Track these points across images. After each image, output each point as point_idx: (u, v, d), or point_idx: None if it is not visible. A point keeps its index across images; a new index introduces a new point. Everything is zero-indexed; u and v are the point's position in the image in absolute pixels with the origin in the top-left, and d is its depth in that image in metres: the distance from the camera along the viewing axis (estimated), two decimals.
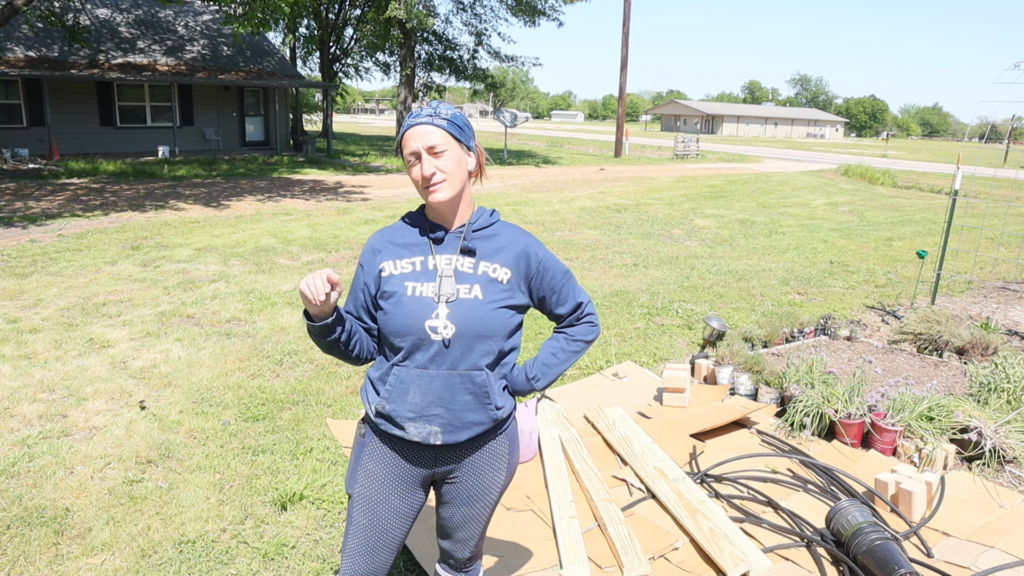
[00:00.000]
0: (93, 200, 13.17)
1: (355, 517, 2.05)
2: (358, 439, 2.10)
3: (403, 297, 1.92)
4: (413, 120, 1.90)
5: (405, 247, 1.98)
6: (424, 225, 1.99)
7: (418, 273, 1.94)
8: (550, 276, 2.04)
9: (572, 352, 2.13)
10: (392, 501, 2.04)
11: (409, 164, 1.90)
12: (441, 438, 1.96)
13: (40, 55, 20.28)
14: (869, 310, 7.47)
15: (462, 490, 2.11)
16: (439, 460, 2.04)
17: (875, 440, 4.16)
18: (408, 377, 1.93)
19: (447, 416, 1.95)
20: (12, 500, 3.45)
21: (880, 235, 12.41)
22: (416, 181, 1.91)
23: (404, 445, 2.02)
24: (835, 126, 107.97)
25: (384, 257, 1.98)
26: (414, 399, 1.93)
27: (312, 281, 1.77)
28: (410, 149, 1.88)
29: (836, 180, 23.79)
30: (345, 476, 2.15)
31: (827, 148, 56.24)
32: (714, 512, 3.34)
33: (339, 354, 2.00)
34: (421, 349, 1.91)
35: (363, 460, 2.05)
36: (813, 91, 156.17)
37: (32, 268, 7.95)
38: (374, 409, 1.99)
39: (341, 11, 30.91)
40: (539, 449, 4.06)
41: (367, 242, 2.05)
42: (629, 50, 30.79)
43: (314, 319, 1.87)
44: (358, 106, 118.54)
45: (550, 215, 13.28)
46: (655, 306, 7.29)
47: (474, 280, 1.93)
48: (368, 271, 1.99)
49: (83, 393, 4.72)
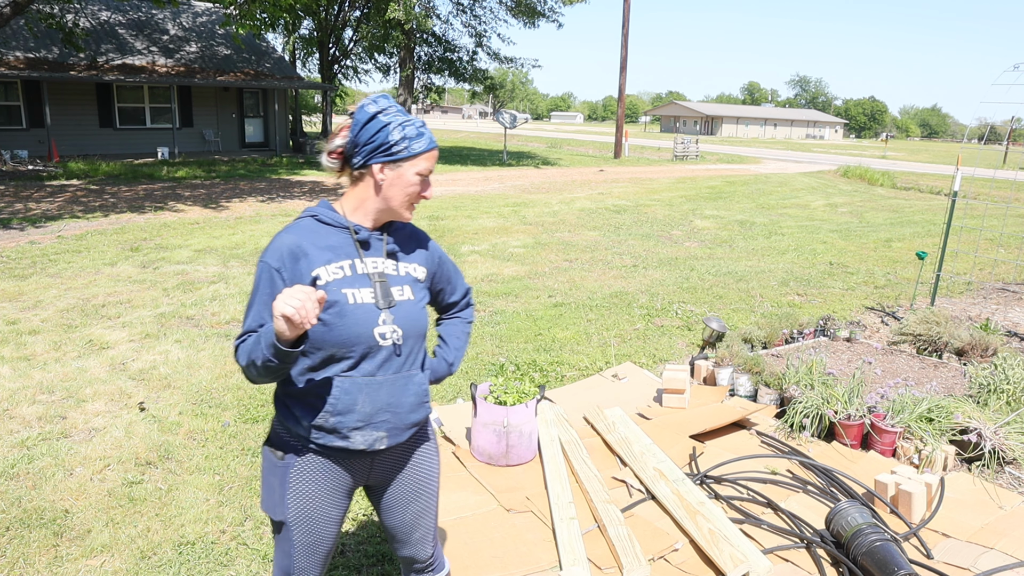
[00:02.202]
0: (92, 201, 13.16)
1: (296, 539, 2.00)
2: (274, 464, 1.97)
3: (346, 306, 1.85)
4: (434, 141, 1.92)
5: (329, 249, 1.88)
6: (346, 225, 1.92)
7: (350, 279, 1.88)
8: (447, 268, 2.17)
9: (469, 333, 2.30)
10: (331, 513, 2.02)
11: (420, 177, 1.90)
12: (386, 442, 1.96)
13: (39, 57, 20.28)
14: (869, 311, 7.47)
15: (404, 489, 2.13)
16: (375, 464, 2.05)
17: (875, 441, 4.16)
18: (355, 387, 1.88)
19: (393, 420, 1.96)
20: (11, 502, 3.45)
21: (879, 236, 12.42)
22: (411, 193, 1.91)
23: (341, 455, 1.96)
24: (834, 127, 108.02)
25: (314, 262, 1.85)
26: (363, 408, 1.90)
27: (304, 304, 1.61)
28: (427, 169, 1.90)
29: (835, 181, 23.81)
30: (262, 502, 2.02)
31: (826, 149, 56.27)
32: (714, 513, 3.34)
33: (276, 378, 1.85)
34: (369, 357, 1.89)
35: (291, 483, 1.95)
36: (812, 92, 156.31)
37: (31, 269, 7.94)
38: (310, 427, 1.90)
39: (341, 12, 30.92)
40: (538, 450, 4.06)
41: (277, 244, 1.86)
42: (628, 51, 30.81)
43: (288, 345, 1.68)
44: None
45: (549, 216, 13.28)
46: (654, 307, 7.29)
47: (403, 281, 1.97)
48: (292, 279, 1.83)
49: (82, 395, 4.72)
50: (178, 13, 25.42)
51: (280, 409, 1.96)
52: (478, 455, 3.99)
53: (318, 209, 1.94)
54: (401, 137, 1.85)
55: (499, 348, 5.94)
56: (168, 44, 23.72)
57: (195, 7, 26.33)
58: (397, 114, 1.87)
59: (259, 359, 1.73)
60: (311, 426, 1.90)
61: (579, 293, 7.80)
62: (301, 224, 1.91)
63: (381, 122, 1.85)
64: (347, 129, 1.90)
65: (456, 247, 10.04)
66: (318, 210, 1.93)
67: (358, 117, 1.88)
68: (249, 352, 1.77)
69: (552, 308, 7.17)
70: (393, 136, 1.85)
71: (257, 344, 1.75)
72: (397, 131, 1.85)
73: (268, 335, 1.70)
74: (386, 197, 1.90)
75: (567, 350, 5.95)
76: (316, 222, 1.91)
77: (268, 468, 1.99)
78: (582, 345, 6.09)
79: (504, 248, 10.12)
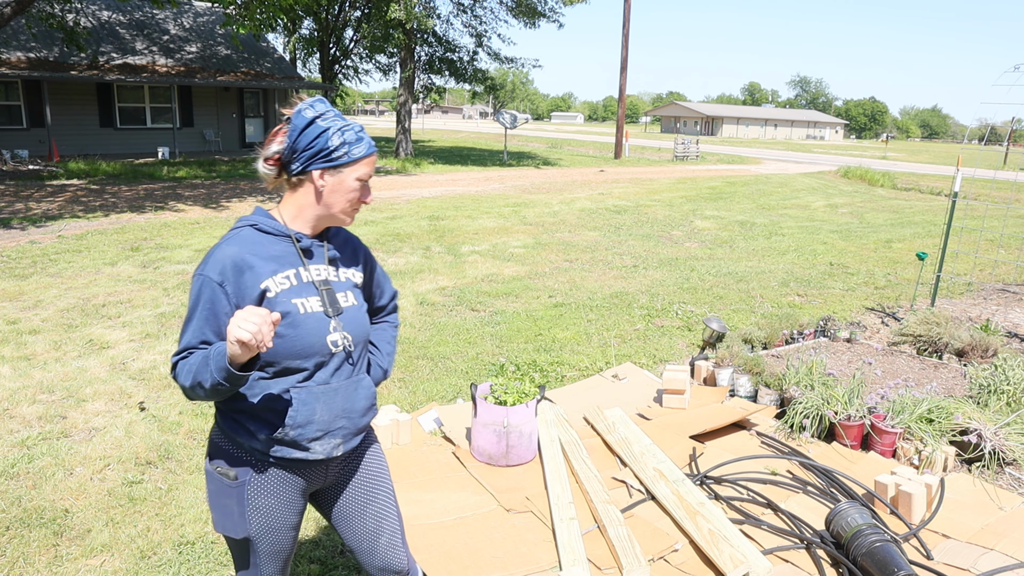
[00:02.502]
0: (93, 201, 13.16)
1: (261, 551, 1.97)
2: (226, 485, 1.90)
3: (298, 317, 1.81)
4: (374, 146, 1.89)
5: (273, 260, 1.83)
6: (288, 233, 1.87)
7: (296, 288, 1.84)
8: (378, 272, 2.17)
9: (396, 337, 2.28)
10: (291, 520, 2.00)
11: (359, 182, 1.86)
12: (342, 448, 1.95)
13: (40, 57, 20.28)
14: (869, 312, 7.47)
15: (357, 492, 2.11)
16: (330, 470, 2.03)
17: (875, 442, 4.16)
18: (312, 397, 1.85)
19: (349, 426, 1.95)
20: (11, 501, 3.45)
21: (880, 237, 12.42)
22: (350, 198, 1.87)
23: (298, 465, 1.93)
24: (835, 128, 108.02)
25: (261, 275, 1.79)
26: (322, 417, 1.87)
27: (260, 328, 1.56)
28: (367, 174, 1.88)
29: (836, 182, 23.81)
30: (215, 524, 1.96)
31: (827, 150, 56.27)
32: (714, 514, 3.34)
33: (221, 398, 1.78)
34: (324, 366, 1.87)
35: (249, 499, 1.90)
36: (813, 93, 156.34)
37: (32, 269, 7.94)
38: (267, 440, 1.85)
39: (341, 12, 30.92)
40: (538, 450, 4.06)
41: (217, 256, 1.78)
42: (629, 51, 30.82)
43: (240, 368, 1.64)
44: (358, 107, 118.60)
45: (550, 216, 13.28)
46: (655, 307, 7.29)
47: (345, 287, 1.97)
48: (237, 293, 1.76)
49: (83, 394, 4.72)
50: (179, 13, 25.43)
51: (227, 424, 1.88)
52: (478, 455, 3.98)
53: (256, 218, 1.87)
54: (341, 142, 1.81)
55: (499, 348, 5.94)
56: (169, 44, 23.73)
57: (196, 7, 26.34)
58: (335, 119, 1.83)
59: (207, 381, 1.67)
60: (269, 440, 1.85)
61: (579, 293, 7.80)
62: (241, 234, 1.84)
63: (320, 127, 1.80)
64: (283, 135, 1.84)
65: (456, 247, 10.04)
66: (256, 219, 1.87)
67: (296, 122, 1.82)
68: (194, 373, 1.70)
69: (552, 308, 7.17)
70: (332, 142, 1.80)
71: (204, 366, 1.68)
72: (336, 136, 1.81)
73: (218, 358, 1.64)
74: (327, 204, 1.86)
75: (567, 350, 5.95)
76: (256, 231, 1.85)
77: (219, 490, 1.91)
78: (582, 345, 6.09)
79: (504, 248, 10.12)
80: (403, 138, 27.02)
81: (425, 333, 6.28)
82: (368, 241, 10.11)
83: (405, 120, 27.15)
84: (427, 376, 5.31)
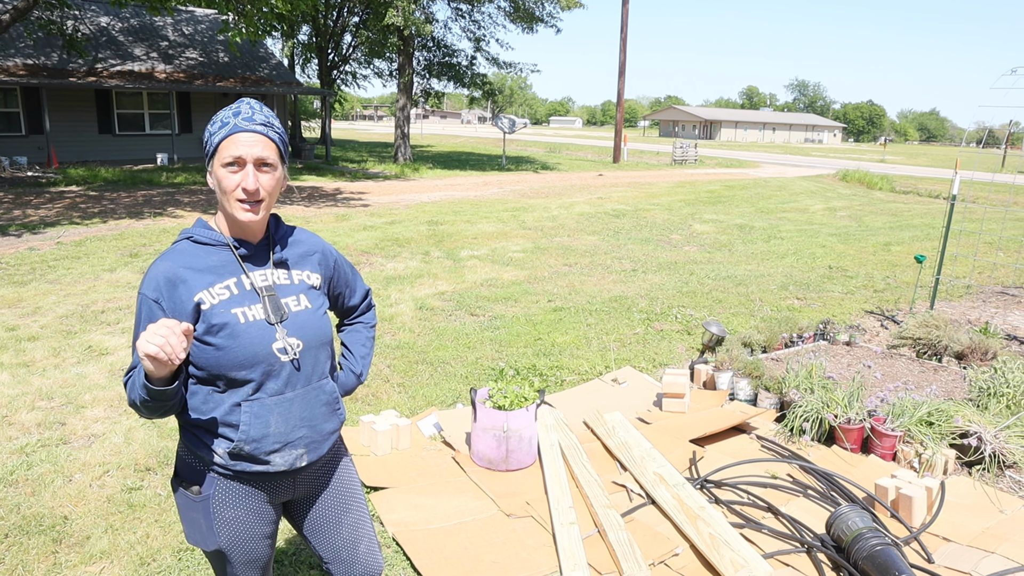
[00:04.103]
0: (92, 208, 13.16)
1: (236, 561, 1.93)
2: (191, 500, 1.86)
3: (238, 327, 1.74)
4: (245, 124, 1.73)
5: (210, 271, 1.76)
6: (224, 242, 1.80)
7: (238, 297, 1.77)
8: (343, 272, 2.08)
9: (373, 338, 2.23)
10: (263, 530, 1.95)
11: (227, 169, 1.72)
12: (306, 458, 1.89)
13: (39, 63, 20.29)
14: (868, 315, 7.48)
15: (331, 502, 2.06)
16: (298, 481, 1.97)
17: (875, 445, 4.16)
18: (264, 409, 1.79)
19: (311, 434, 1.89)
20: (10, 508, 3.44)
21: (879, 240, 12.43)
22: (228, 190, 1.73)
23: (261, 478, 1.88)
24: (833, 131, 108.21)
25: (194, 288, 1.73)
26: (277, 428, 1.81)
27: (167, 340, 1.51)
28: (235, 154, 1.71)
29: (834, 185, 23.84)
30: (186, 536, 1.92)
31: (825, 153, 56.36)
32: (714, 518, 3.33)
33: (165, 414, 1.74)
34: (273, 376, 1.79)
35: (215, 513, 1.85)
36: (811, 96, 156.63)
37: (31, 276, 7.94)
38: (225, 455, 1.81)
39: (339, 18, 30.98)
40: (538, 455, 4.06)
41: (152, 273, 1.74)
42: (627, 56, 30.89)
43: (159, 383, 1.61)
44: (356, 113, 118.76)
45: (549, 221, 13.29)
46: (654, 311, 7.29)
47: (296, 290, 1.88)
48: (172, 308, 1.71)
49: (82, 401, 4.71)
50: (179, 20, 25.47)
51: (188, 438, 1.85)
52: (478, 460, 3.98)
53: (193, 230, 1.82)
54: (209, 135, 1.74)
55: (499, 352, 5.94)
56: (168, 50, 23.76)
57: (195, 14, 26.38)
58: (224, 112, 1.76)
59: (137, 399, 1.66)
60: (226, 453, 1.80)
61: (579, 297, 7.80)
62: (177, 248, 1.79)
63: (208, 130, 1.76)
64: None
65: (455, 252, 10.04)
66: (193, 231, 1.82)
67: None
68: (130, 391, 1.69)
69: (552, 312, 7.16)
70: (208, 138, 1.75)
71: (134, 385, 1.66)
72: (209, 129, 1.75)
73: (140, 374, 1.62)
74: (221, 203, 1.78)
75: (567, 354, 5.95)
76: (193, 244, 1.79)
77: (185, 504, 1.88)
78: (582, 349, 6.09)
79: (503, 253, 10.12)
80: (402, 143, 27.04)
81: (424, 338, 6.27)
82: (367, 246, 10.11)
83: (403, 125, 27.19)
84: (426, 381, 5.30)
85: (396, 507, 3.54)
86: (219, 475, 1.85)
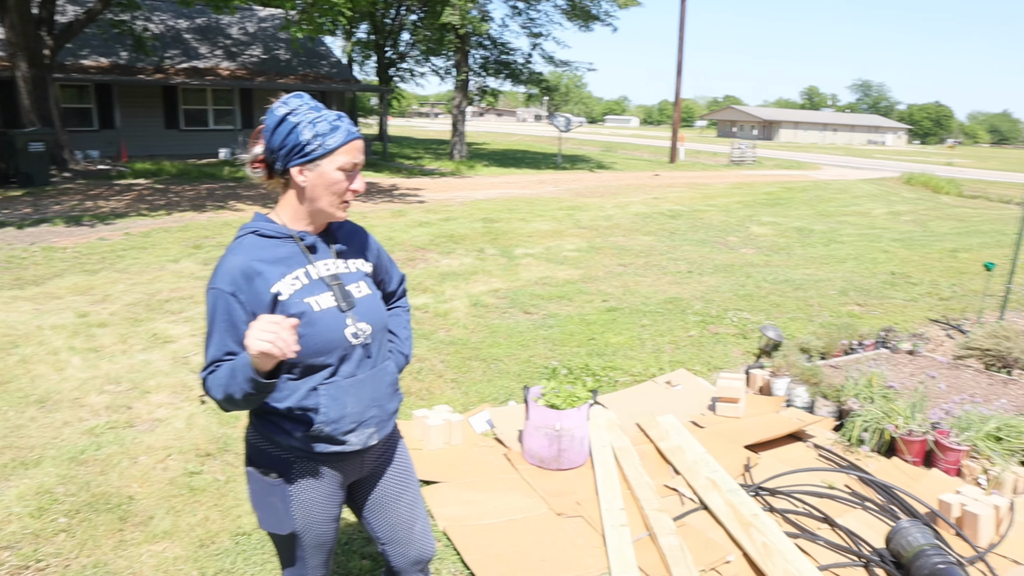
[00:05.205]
0: (157, 200, 13.60)
1: (307, 544, 2.00)
2: (268, 484, 1.93)
3: (313, 315, 1.82)
4: (355, 131, 1.85)
5: (279, 263, 1.83)
6: (290, 234, 1.88)
7: (308, 287, 1.85)
8: (385, 258, 2.16)
9: (409, 320, 2.30)
10: (333, 512, 2.04)
11: (342, 172, 1.83)
12: (376, 437, 2.00)
13: (111, 62, 21.05)
14: (932, 324, 7.24)
15: (391, 481, 2.15)
16: (365, 461, 2.07)
17: (938, 459, 4.02)
18: (340, 391, 1.88)
19: (379, 414, 1.99)
20: (81, 486, 3.59)
21: (945, 246, 12.02)
22: (338, 191, 1.85)
23: (336, 458, 1.96)
24: (897, 133, 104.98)
25: (270, 279, 1.80)
26: (353, 409, 1.90)
27: (278, 335, 1.58)
28: (355, 160, 1.85)
29: (898, 188, 23.14)
30: (260, 522, 1.98)
31: (888, 155, 54.73)
32: (768, 526, 3.28)
33: (255, 406, 1.82)
34: (347, 360, 1.89)
35: (291, 496, 1.93)
36: (875, 97, 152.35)
37: (101, 265, 8.24)
38: (304, 438, 1.88)
39: (397, 16, 31.33)
40: (589, 455, 4.05)
41: (225, 268, 1.79)
42: (684, 55, 30.52)
43: (267, 376, 1.67)
44: (413, 110, 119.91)
45: (604, 220, 13.22)
46: (709, 314, 7.19)
47: (355, 278, 1.97)
48: (250, 300, 1.78)
49: (147, 386, 4.88)
50: (243, 18, 26.12)
51: (264, 426, 1.91)
52: (529, 458, 3.99)
53: (256, 224, 1.88)
54: (313, 135, 1.79)
55: (552, 351, 5.94)
56: (231, 48, 24.39)
57: (258, 12, 27.00)
58: (308, 112, 1.81)
59: (237, 393, 1.69)
60: (305, 437, 1.88)
61: (633, 298, 7.74)
62: (244, 243, 1.84)
63: (290, 123, 1.79)
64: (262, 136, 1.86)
65: (510, 250, 10.07)
66: (257, 224, 1.88)
67: (268, 122, 1.82)
68: (224, 387, 1.72)
69: (606, 313, 7.13)
70: (304, 136, 1.79)
71: (232, 378, 1.70)
72: (308, 130, 1.79)
73: (244, 369, 1.65)
74: (312, 199, 1.85)
75: (620, 355, 5.91)
76: (258, 237, 1.85)
77: (262, 490, 1.94)
78: (635, 351, 6.05)
79: (558, 251, 10.11)
80: (457, 140, 27.22)
81: (478, 335, 6.31)
82: (422, 242, 10.21)
83: (459, 123, 27.36)
84: (479, 378, 5.33)
85: (447, 502, 3.57)
86: (296, 459, 1.93)
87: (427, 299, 7.37)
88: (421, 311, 6.93)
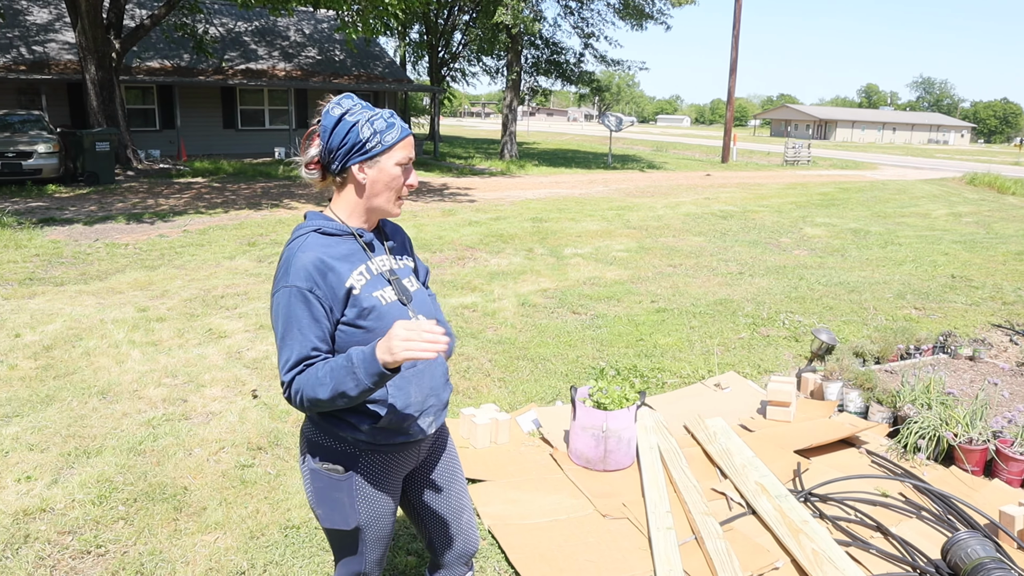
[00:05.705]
0: (215, 198, 13.96)
1: (368, 537, 2.03)
2: (336, 480, 1.95)
3: (382, 309, 1.87)
4: (406, 128, 1.90)
5: (344, 259, 1.87)
6: (350, 231, 1.92)
7: (372, 281, 1.89)
8: (415, 255, 2.20)
9: None
10: (393, 506, 2.08)
11: (400, 168, 1.89)
12: (434, 425, 2.04)
13: (172, 64, 21.69)
14: (995, 329, 6.99)
15: (443, 469, 2.22)
16: (422, 449, 2.12)
17: (999, 469, 3.89)
18: (404, 382, 1.92)
19: (437, 402, 2.03)
20: (138, 476, 3.71)
21: (1009, 248, 11.58)
22: (396, 187, 1.91)
23: (400, 448, 2.00)
24: (960, 131, 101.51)
25: (342, 274, 1.83)
26: (416, 398, 1.95)
27: (432, 337, 1.62)
28: (405, 157, 1.90)
29: (960, 189, 22.37)
30: (323, 519, 2.00)
31: (951, 155, 52.94)
32: (818, 533, 3.21)
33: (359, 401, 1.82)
34: None
35: (357, 491, 1.96)
36: (937, 95, 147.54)
37: (160, 261, 8.50)
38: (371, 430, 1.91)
39: (450, 17, 31.56)
40: (636, 457, 4.02)
41: (298, 265, 1.80)
42: (739, 53, 30.00)
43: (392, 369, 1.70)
44: (464, 109, 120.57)
45: (654, 220, 13.10)
46: (760, 316, 7.07)
47: (407, 273, 2.05)
48: (327, 295, 1.80)
49: (202, 380, 5.02)
50: (300, 20, 26.64)
51: (328, 421, 1.93)
52: (575, 458, 3.98)
53: (316, 222, 1.90)
54: (372, 133, 1.84)
55: (600, 352, 5.91)
56: (288, 49, 24.89)
57: (316, 14, 27.49)
58: (363, 111, 1.86)
59: (353, 389, 1.69)
60: (372, 429, 1.91)
61: (682, 299, 7.66)
62: (310, 241, 1.86)
63: (348, 123, 1.84)
64: (317, 137, 1.89)
65: (559, 249, 10.05)
66: (317, 223, 1.90)
67: (325, 123, 1.86)
68: (333, 385, 1.71)
69: (654, 314, 7.07)
70: (363, 133, 1.83)
71: (349, 374, 1.69)
72: (366, 128, 1.84)
73: (368, 364, 1.66)
74: (372, 195, 1.90)
75: (668, 357, 5.86)
76: (321, 235, 1.88)
77: (328, 486, 1.96)
78: (684, 352, 5.98)
79: (607, 252, 10.05)
80: (508, 140, 27.29)
81: (526, 334, 6.32)
82: (472, 241, 10.28)
83: (510, 122, 27.42)
84: (527, 377, 5.34)
85: (492, 500, 3.59)
86: (362, 452, 1.96)
87: (476, 298, 7.41)
88: (469, 310, 6.97)
